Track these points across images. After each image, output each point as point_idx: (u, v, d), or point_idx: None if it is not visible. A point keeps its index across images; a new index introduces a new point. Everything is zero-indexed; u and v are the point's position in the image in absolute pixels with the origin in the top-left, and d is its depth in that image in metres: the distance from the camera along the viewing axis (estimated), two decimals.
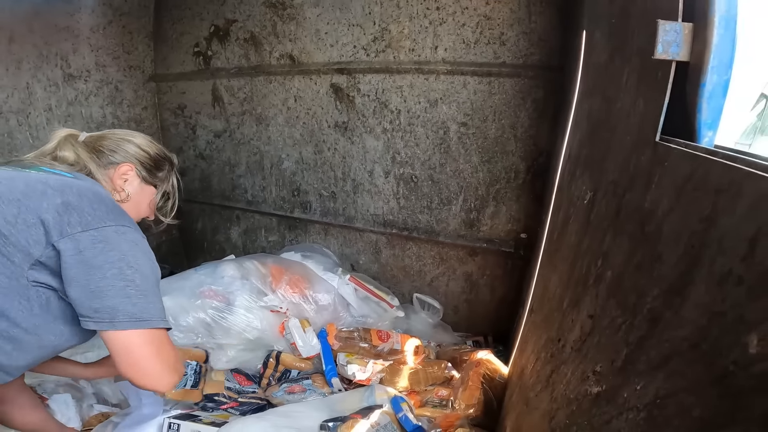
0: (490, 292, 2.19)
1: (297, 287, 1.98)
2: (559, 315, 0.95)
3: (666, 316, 0.44)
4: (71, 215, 0.91)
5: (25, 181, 0.94)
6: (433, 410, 1.66)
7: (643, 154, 0.59)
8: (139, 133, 1.27)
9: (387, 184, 2.19)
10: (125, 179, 1.19)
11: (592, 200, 0.82)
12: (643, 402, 0.45)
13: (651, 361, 0.45)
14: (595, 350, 0.63)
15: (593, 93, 1.02)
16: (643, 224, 0.54)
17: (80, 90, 2.33)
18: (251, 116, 2.45)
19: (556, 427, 0.77)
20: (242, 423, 1.49)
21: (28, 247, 0.89)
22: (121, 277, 0.93)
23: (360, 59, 2.08)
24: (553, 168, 1.63)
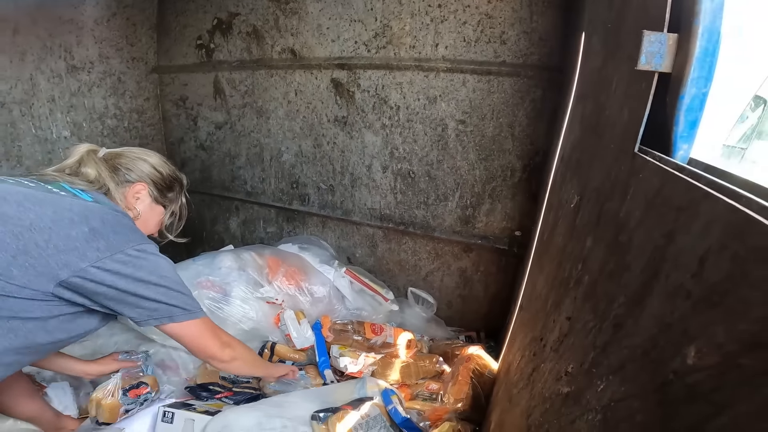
0: (483, 288, 2.21)
1: (293, 279, 2.00)
2: (543, 315, 0.97)
3: (627, 323, 0.46)
4: (99, 241, 1.00)
5: (53, 208, 1.01)
6: (422, 403, 1.69)
7: (623, 164, 0.60)
8: (154, 153, 1.34)
9: (385, 178, 2.21)
10: (137, 198, 1.26)
11: (578, 205, 0.83)
12: (600, 404, 0.47)
13: (611, 365, 0.47)
14: (570, 351, 0.65)
15: (587, 97, 1.02)
16: (617, 233, 0.56)
17: (83, 81, 2.36)
18: (252, 109, 2.47)
19: (531, 424, 0.80)
20: (235, 412, 1.51)
21: (56, 270, 0.96)
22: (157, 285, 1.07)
23: (361, 55, 2.09)
24: (548, 168, 1.65)
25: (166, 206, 1.35)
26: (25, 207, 0.99)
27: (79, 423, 1.57)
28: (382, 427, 1.53)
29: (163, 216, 1.36)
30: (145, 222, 1.29)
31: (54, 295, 0.99)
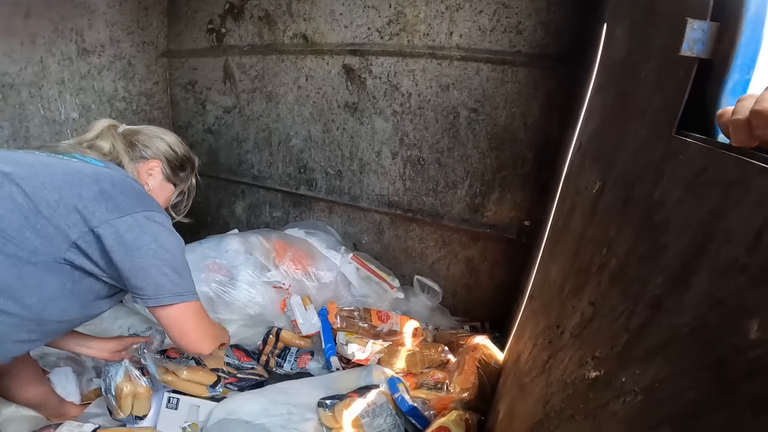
0: (489, 277, 2.21)
1: (300, 264, 1.99)
2: (558, 302, 0.96)
3: (667, 303, 0.45)
4: (107, 202, 1.00)
5: (63, 170, 1.02)
6: (428, 392, 1.68)
7: (656, 148, 0.60)
8: (171, 133, 1.37)
9: (394, 165, 2.19)
10: (150, 174, 1.28)
11: (600, 190, 0.83)
12: (640, 386, 0.46)
13: (650, 347, 0.47)
14: (595, 336, 0.65)
15: (608, 87, 1.02)
16: (651, 215, 0.55)
17: (93, 64, 2.37)
18: (262, 93, 2.45)
19: (550, 411, 0.79)
20: (241, 398, 1.52)
21: (67, 230, 0.97)
22: (157, 257, 1.04)
23: (374, 41, 2.07)
24: (561, 158, 1.64)
25: (177, 185, 1.37)
26: (36, 168, 1.00)
27: (81, 409, 1.57)
28: (389, 415, 1.53)
29: (172, 194, 1.38)
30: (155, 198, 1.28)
31: (66, 260, 0.99)
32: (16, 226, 0.93)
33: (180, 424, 1.49)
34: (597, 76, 1.21)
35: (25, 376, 1.41)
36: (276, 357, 1.86)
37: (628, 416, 0.47)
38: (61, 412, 1.52)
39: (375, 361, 1.81)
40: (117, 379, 1.48)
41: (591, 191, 0.89)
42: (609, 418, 0.52)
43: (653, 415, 0.43)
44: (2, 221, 0.92)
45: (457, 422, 1.46)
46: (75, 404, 1.60)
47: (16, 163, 0.99)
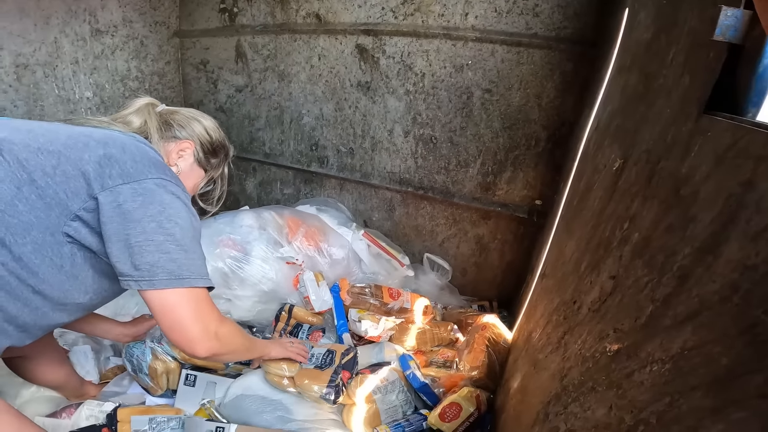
0: (499, 256, 2.22)
1: (312, 240, 2.00)
2: (575, 278, 0.97)
3: (697, 272, 0.46)
4: (113, 167, 0.89)
5: (67, 134, 0.92)
6: (437, 370, 1.71)
7: (684, 126, 0.61)
8: (209, 117, 1.29)
9: (406, 143, 2.19)
10: (181, 155, 1.19)
11: (621, 168, 0.83)
12: (668, 354, 0.48)
13: (678, 316, 0.48)
14: (617, 309, 0.66)
15: (631, 69, 1.02)
16: (677, 189, 0.56)
17: (107, 44, 2.39)
18: (274, 73, 2.45)
19: (569, 384, 0.81)
20: (257, 374, 1.53)
21: (66, 200, 0.86)
22: (160, 231, 0.89)
23: (387, 21, 2.05)
24: (576, 138, 1.64)
25: (207, 170, 1.28)
26: (36, 133, 0.90)
27: (99, 389, 1.59)
28: (401, 392, 1.56)
29: (201, 180, 1.28)
30: (183, 180, 1.18)
31: (66, 235, 0.88)
32: (6, 198, 0.82)
33: (198, 401, 1.51)
34: (618, 58, 1.21)
35: (48, 357, 1.40)
36: (288, 334, 1.88)
37: (656, 383, 0.49)
38: (81, 392, 1.53)
39: (387, 339, 1.84)
40: (147, 360, 1.52)
41: (611, 169, 0.90)
42: (634, 387, 0.54)
43: (684, 381, 0.44)
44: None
45: (468, 398, 1.49)
46: (94, 384, 1.61)
47: (14, 130, 0.89)
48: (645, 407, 0.50)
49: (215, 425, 1.28)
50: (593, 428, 0.65)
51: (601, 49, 1.55)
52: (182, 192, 0.98)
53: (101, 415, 1.40)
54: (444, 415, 1.46)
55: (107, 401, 1.48)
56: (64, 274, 0.91)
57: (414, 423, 1.50)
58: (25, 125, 0.92)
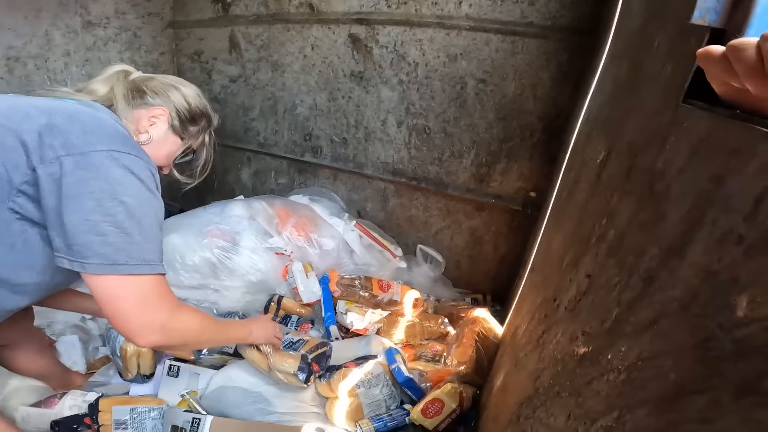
0: (493, 249, 2.19)
1: (302, 230, 1.98)
2: (558, 275, 0.94)
3: (661, 275, 0.43)
4: (54, 137, 0.82)
5: (8, 103, 0.86)
6: (425, 364, 1.69)
7: (663, 116, 0.57)
8: (191, 85, 1.21)
9: (399, 133, 2.15)
10: (153, 122, 1.11)
11: (605, 160, 0.80)
12: (624, 364, 0.44)
13: (639, 323, 0.44)
14: (588, 311, 0.62)
15: (621, 57, 0.99)
16: (652, 183, 0.52)
17: (99, 36, 2.38)
18: (267, 63, 2.42)
19: (540, 387, 0.78)
20: (239, 366, 1.52)
21: (6, 174, 0.81)
22: (99, 210, 0.81)
23: (380, 10, 2.00)
24: (569, 129, 1.59)
25: (184, 139, 1.19)
26: None
27: (86, 378, 1.58)
28: (385, 386, 1.54)
29: (177, 149, 1.19)
30: (155, 149, 1.12)
31: (13, 211, 0.83)
32: None
33: (180, 392, 1.50)
34: (611, 47, 1.17)
35: (29, 347, 1.39)
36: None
37: (610, 395, 0.45)
38: (66, 382, 1.52)
39: (374, 331, 1.81)
40: (120, 340, 1.50)
41: (596, 161, 0.86)
42: (592, 396, 0.50)
43: (633, 395, 0.41)
44: None
45: (451, 394, 1.47)
46: (80, 373, 1.60)
47: None
48: (597, 419, 0.46)
49: (192, 416, 1.27)
50: None
51: (598, 39, 1.50)
52: (142, 166, 0.89)
53: (84, 404, 1.40)
54: (426, 411, 1.44)
55: (91, 391, 1.47)
56: (17, 253, 0.86)
57: (396, 417, 1.48)
58: None
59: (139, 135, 1.09)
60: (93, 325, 1.77)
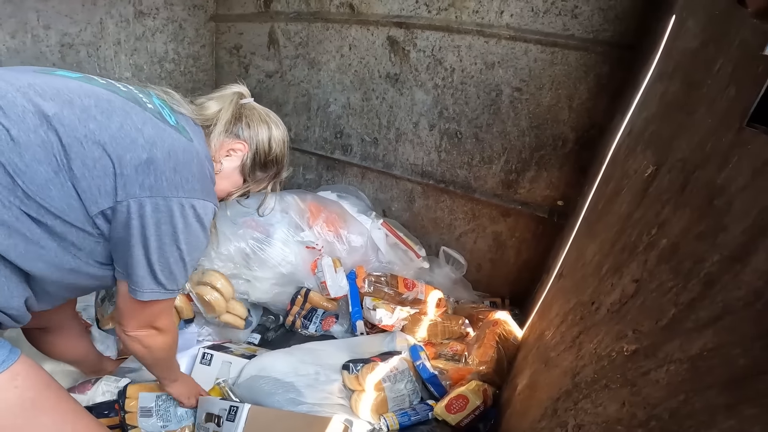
0: (515, 254, 2.23)
1: (332, 226, 2.03)
2: (594, 280, 0.99)
3: (723, 279, 0.48)
4: (147, 176, 0.86)
5: (120, 124, 0.86)
6: (445, 363, 1.73)
7: (724, 137, 0.61)
8: (282, 127, 1.21)
9: (431, 136, 2.20)
10: (230, 154, 1.12)
11: (653, 174, 0.84)
12: (687, 355, 0.49)
13: (700, 320, 0.50)
14: (638, 311, 0.68)
15: (672, 76, 1.02)
16: (712, 198, 0.57)
17: (148, 26, 2.45)
18: (304, 60, 2.48)
19: (581, 382, 0.83)
20: (271, 356, 1.58)
21: (97, 196, 0.84)
22: (158, 251, 0.91)
23: (420, 15, 2.05)
24: (605, 142, 1.63)
25: (246, 181, 1.19)
26: (90, 114, 0.84)
27: (118, 364, 1.60)
28: (409, 381, 1.59)
29: (237, 190, 1.20)
30: (220, 180, 1.12)
31: (94, 226, 0.88)
32: (41, 181, 0.78)
33: (212, 380, 1.55)
34: (659, 64, 1.20)
35: (72, 332, 1.41)
36: (302, 318, 1.92)
37: (672, 382, 0.51)
38: (99, 367, 1.54)
39: (399, 328, 1.86)
40: None
41: (642, 175, 0.90)
42: (650, 385, 0.55)
43: (700, 380, 0.46)
44: (28, 171, 0.77)
45: (476, 391, 1.52)
46: (112, 359, 1.63)
47: (67, 104, 0.83)
48: (659, 404, 0.52)
49: (229, 404, 1.29)
50: (603, 423, 0.67)
51: (641, 54, 1.53)
52: (210, 211, 0.97)
53: (117, 390, 1.44)
54: (450, 407, 1.49)
55: (124, 377, 1.50)
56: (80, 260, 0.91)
57: (420, 412, 1.53)
58: (80, 100, 0.85)
59: (214, 163, 1.10)
60: None
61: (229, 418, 1.27)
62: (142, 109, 0.92)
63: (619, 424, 0.61)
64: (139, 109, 0.92)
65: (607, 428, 0.65)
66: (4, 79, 0.81)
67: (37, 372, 0.87)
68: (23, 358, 0.84)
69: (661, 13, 1.41)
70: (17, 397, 0.81)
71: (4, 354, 0.81)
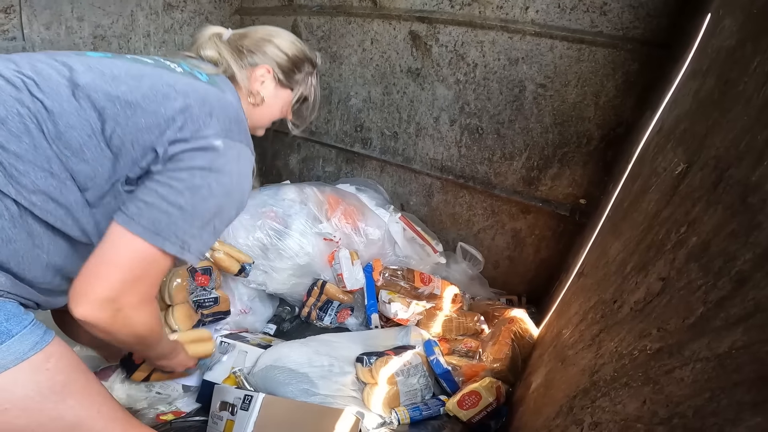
0: (534, 252, 2.21)
1: (350, 218, 2.04)
2: (618, 278, 0.97)
3: (755, 277, 0.47)
4: (185, 123, 0.86)
5: (151, 83, 0.88)
6: (459, 359, 1.73)
7: (759, 135, 0.60)
8: (282, 31, 1.21)
9: (451, 131, 2.19)
10: (262, 81, 1.15)
11: (684, 172, 0.83)
12: (715, 353, 0.48)
13: (730, 318, 0.49)
14: (663, 309, 0.66)
15: (707, 74, 1.00)
16: (745, 196, 0.56)
17: (176, 19, 2.51)
18: (326, 53, 2.49)
19: (600, 380, 0.82)
20: (287, 347, 1.59)
21: (132, 152, 0.85)
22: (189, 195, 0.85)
23: (443, 10, 2.04)
24: (632, 140, 1.60)
25: (294, 88, 1.23)
26: (120, 80, 0.85)
27: None
28: (422, 376, 1.59)
29: (291, 99, 1.24)
30: (270, 108, 1.18)
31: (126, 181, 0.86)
32: (75, 145, 0.81)
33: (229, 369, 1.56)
34: (692, 61, 1.17)
35: None
36: (318, 309, 1.93)
37: (698, 380, 0.50)
38: (120, 354, 1.52)
39: (414, 323, 1.86)
40: None
41: (672, 173, 0.89)
42: (674, 383, 0.55)
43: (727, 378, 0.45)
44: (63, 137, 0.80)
45: (489, 388, 1.51)
46: None
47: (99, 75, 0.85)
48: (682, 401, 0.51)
49: (244, 393, 1.29)
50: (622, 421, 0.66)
51: (674, 52, 1.50)
52: (247, 157, 0.94)
53: None
54: (462, 403, 1.48)
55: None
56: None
57: (432, 407, 1.52)
58: (110, 70, 0.87)
59: (252, 97, 1.14)
60: None
61: (243, 407, 1.27)
62: (171, 72, 0.94)
63: (639, 422, 0.60)
64: (167, 71, 0.94)
65: (626, 426, 0.64)
66: (39, 59, 0.85)
67: (70, 354, 0.88)
68: (57, 340, 0.85)
69: (696, 11, 1.38)
70: (48, 379, 0.81)
71: (38, 335, 0.81)
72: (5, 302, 0.79)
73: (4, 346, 0.76)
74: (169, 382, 1.50)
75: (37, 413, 0.80)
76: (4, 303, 0.79)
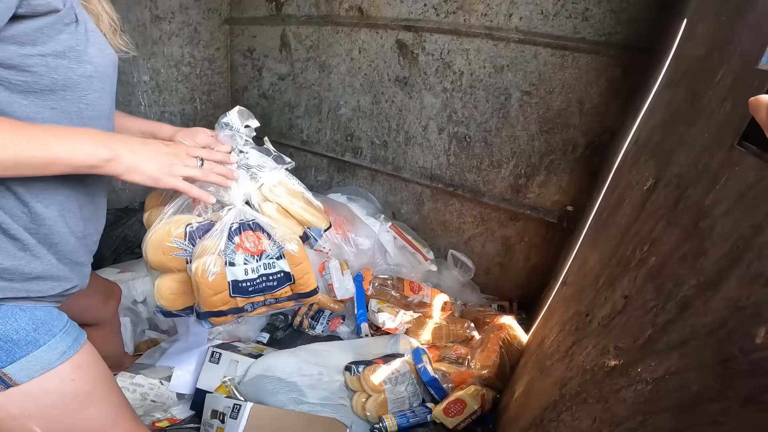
0: (524, 258, 2.22)
1: (340, 228, 2.05)
2: (592, 291, 0.98)
3: (696, 304, 0.48)
4: None
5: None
6: (449, 366, 1.74)
7: (716, 155, 0.60)
8: None
9: (440, 140, 2.20)
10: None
11: (652, 188, 0.83)
12: (653, 376, 0.50)
13: (670, 342, 0.50)
14: (622, 328, 0.67)
15: (679, 83, 0.99)
16: (698, 220, 0.56)
17: (164, 30, 2.51)
18: (315, 63, 2.50)
19: (566, 393, 0.83)
20: (277, 357, 1.60)
21: None
22: None
23: (429, 18, 2.05)
24: (615, 148, 1.60)
25: None
26: None
27: (134, 360, 1.65)
28: (410, 384, 1.60)
29: None
30: None
31: None
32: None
33: (221, 378, 1.57)
34: (667, 70, 1.16)
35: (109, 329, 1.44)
36: (310, 318, 1.95)
37: (636, 402, 0.51)
38: (119, 362, 1.58)
39: (403, 331, 1.87)
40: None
41: (642, 187, 0.89)
42: (619, 403, 0.56)
43: (658, 403, 0.47)
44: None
45: (474, 396, 1.53)
46: (129, 355, 1.68)
47: None
48: (621, 423, 0.52)
49: (233, 402, 1.31)
50: None
51: (654, 58, 1.50)
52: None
53: (132, 387, 1.46)
54: (448, 410, 1.50)
55: (138, 373, 1.52)
56: None
57: (419, 414, 1.55)
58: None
59: None
60: (143, 308, 1.85)
61: (232, 416, 1.29)
62: None
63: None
64: None
65: None
66: None
67: (97, 363, 0.89)
68: (86, 347, 0.85)
69: (674, 16, 1.37)
70: (74, 390, 0.82)
71: (67, 343, 0.81)
72: (35, 309, 0.79)
73: (31, 356, 0.76)
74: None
75: (56, 421, 0.82)
76: (34, 310, 0.78)
